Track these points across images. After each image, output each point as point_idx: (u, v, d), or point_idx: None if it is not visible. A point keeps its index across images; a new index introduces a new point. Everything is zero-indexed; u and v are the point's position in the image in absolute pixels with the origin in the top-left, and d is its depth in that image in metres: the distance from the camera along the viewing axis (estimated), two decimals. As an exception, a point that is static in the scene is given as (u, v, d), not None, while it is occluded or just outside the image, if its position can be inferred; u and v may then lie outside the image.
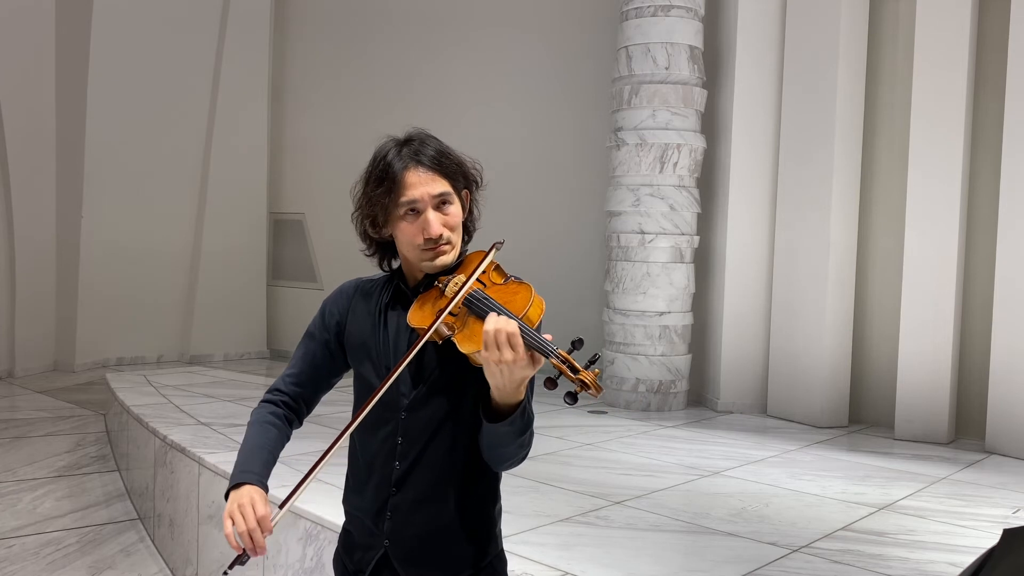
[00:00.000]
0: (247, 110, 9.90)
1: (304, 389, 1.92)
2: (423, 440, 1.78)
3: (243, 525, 1.68)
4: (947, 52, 5.83)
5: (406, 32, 9.20)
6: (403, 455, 1.79)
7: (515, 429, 1.66)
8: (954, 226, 5.81)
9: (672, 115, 6.55)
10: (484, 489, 1.83)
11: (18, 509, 5.01)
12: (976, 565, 1.37)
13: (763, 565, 3.24)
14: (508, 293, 1.73)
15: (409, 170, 1.76)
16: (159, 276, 9.47)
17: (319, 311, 1.96)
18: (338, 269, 9.70)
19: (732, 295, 6.76)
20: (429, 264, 1.79)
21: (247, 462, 1.81)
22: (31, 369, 8.74)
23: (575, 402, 1.54)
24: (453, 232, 1.78)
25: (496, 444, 1.70)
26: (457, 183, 1.80)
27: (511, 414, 1.64)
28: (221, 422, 5.29)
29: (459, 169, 1.81)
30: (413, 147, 1.79)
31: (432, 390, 1.78)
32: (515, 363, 1.56)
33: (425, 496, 1.78)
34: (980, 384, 5.83)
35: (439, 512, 1.78)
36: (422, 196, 1.75)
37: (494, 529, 1.86)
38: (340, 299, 1.94)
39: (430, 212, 1.75)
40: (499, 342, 1.56)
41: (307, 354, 1.93)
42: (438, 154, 1.79)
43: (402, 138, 1.83)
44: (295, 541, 3.57)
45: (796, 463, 5.06)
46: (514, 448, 1.71)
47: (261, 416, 1.89)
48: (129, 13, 8.94)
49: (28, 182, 8.63)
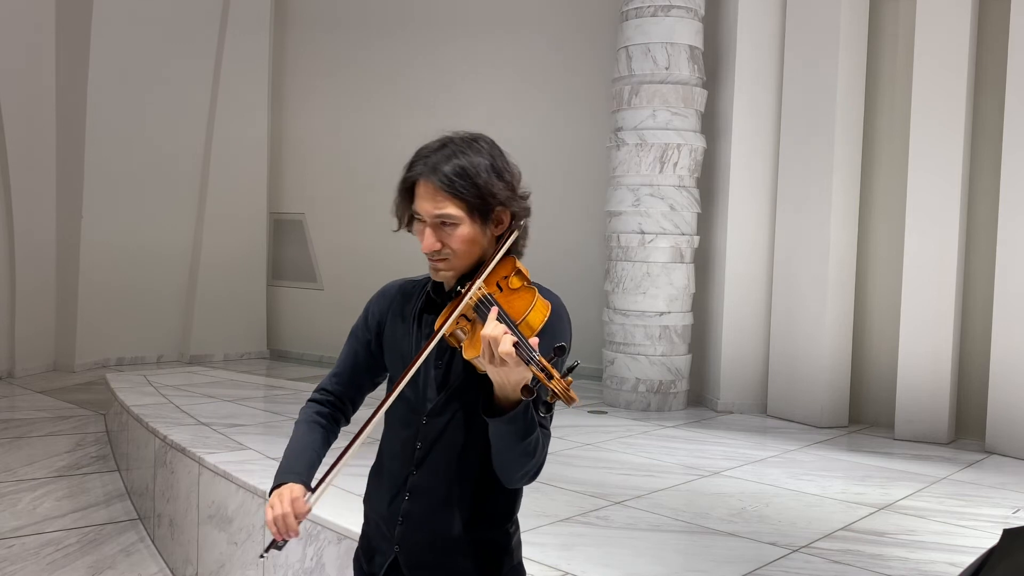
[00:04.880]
0: (247, 110, 9.90)
1: (348, 388, 1.94)
2: (441, 447, 1.77)
3: (277, 509, 1.71)
4: (947, 52, 5.83)
5: (406, 32, 9.20)
6: (420, 460, 1.78)
7: (515, 429, 1.63)
8: (954, 226, 5.81)
9: (672, 115, 6.55)
10: (499, 502, 1.80)
11: (18, 509, 5.01)
12: (976, 565, 1.37)
13: (763, 565, 3.24)
14: (514, 298, 1.72)
15: (421, 181, 1.75)
16: (159, 276, 9.47)
17: (363, 311, 1.96)
18: (338, 269, 9.71)
19: (732, 295, 6.77)
20: (433, 274, 1.80)
21: (292, 463, 1.82)
22: (31, 369, 8.73)
23: (549, 411, 1.56)
24: (454, 252, 1.74)
25: (499, 448, 1.68)
26: (471, 205, 1.73)
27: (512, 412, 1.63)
28: (221, 422, 5.29)
29: (476, 191, 1.73)
30: (439, 157, 1.74)
31: (454, 397, 1.77)
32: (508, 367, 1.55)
33: (438, 504, 1.76)
34: (980, 384, 5.83)
35: (451, 521, 1.76)
36: (423, 211, 1.75)
37: (509, 543, 1.83)
38: (382, 300, 1.94)
39: (428, 228, 1.75)
40: (492, 349, 1.56)
41: (350, 354, 1.94)
42: (455, 173, 1.72)
43: (448, 139, 1.79)
44: (295, 541, 3.57)
45: (796, 463, 5.06)
46: (518, 454, 1.67)
47: (308, 416, 1.91)
48: (129, 13, 8.94)
49: (28, 182, 8.62)
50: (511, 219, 1.80)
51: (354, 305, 8.60)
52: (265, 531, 3.74)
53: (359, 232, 9.39)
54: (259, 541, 3.80)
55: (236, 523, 3.98)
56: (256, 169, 10.05)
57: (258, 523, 3.81)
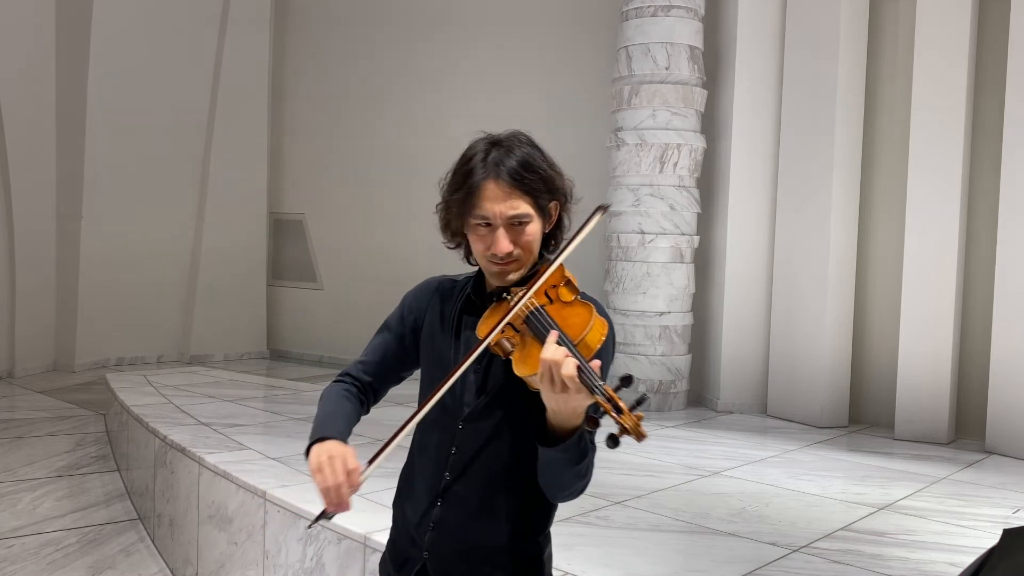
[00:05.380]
0: (247, 110, 9.91)
1: (374, 379, 1.86)
2: (477, 453, 1.71)
3: (331, 479, 1.57)
4: (947, 52, 5.83)
5: (406, 32, 9.20)
6: (454, 466, 1.72)
7: (568, 457, 1.57)
8: (954, 226, 5.81)
9: (672, 115, 6.55)
10: (535, 514, 1.75)
11: (18, 509, 5.01)
12: (976, 565, 1.37)
13: (763, 565, 3.24)
14: (569, 313, 1.63)
15: (487, 183, 1.65)
16: (159, 276, 9.47)
17: (399, 304, 1.89)
18: (338, 269, 9.71)
19: (732, 295, 6.77)
20: (496, 278, 1.72)
21: (328, 421, 1.71)
22: (31, 369, 8.73)
23: (616, 445, 1.44)
24: (525, 251, 1.69)
25: (549, 471, 1.63)
26: (540, 198, 1.68)
27: (566, 439, 1.56)
28: (221, 422, 5.29)
29: (543, 184, 1.69)
30: (498, 154, 1.67)
31: (494, 404, 1.71)
32: (569, 392, 1.48)
33: (471, 512, 1.71)
34: (980, 384, 5.83)
35: (484, 531, 1.71)
36: (495, 214, 1.65)
37: (542, 555, 1.79)
38: (421, 296, 1.86)
39: (500, 230, 1.66)
40: (553, 373, 1.48)
41: (381, 345, 1.87)
42: (522, 166, 1.67)
43: (494, 139, 1.72)
44: (295, 541, 3.57)
45: (796, 463, 5.06)
46: (569, 478, 1.63)
47: (336, 390, 1.82)
48: (129, 13, 8.94)
49: (28, 182, 8.62)
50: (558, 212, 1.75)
51: (354, 305, 8.66)
52: (266, 531, 3.74)
53: (359, 232, 9.40)
54: (259, 541, 3.80)
55: (236, 523, 3.98)
56: (256, 169, 10.06)
57: (258, 523, 3.81)
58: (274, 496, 3.74)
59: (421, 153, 8.68)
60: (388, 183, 9.14)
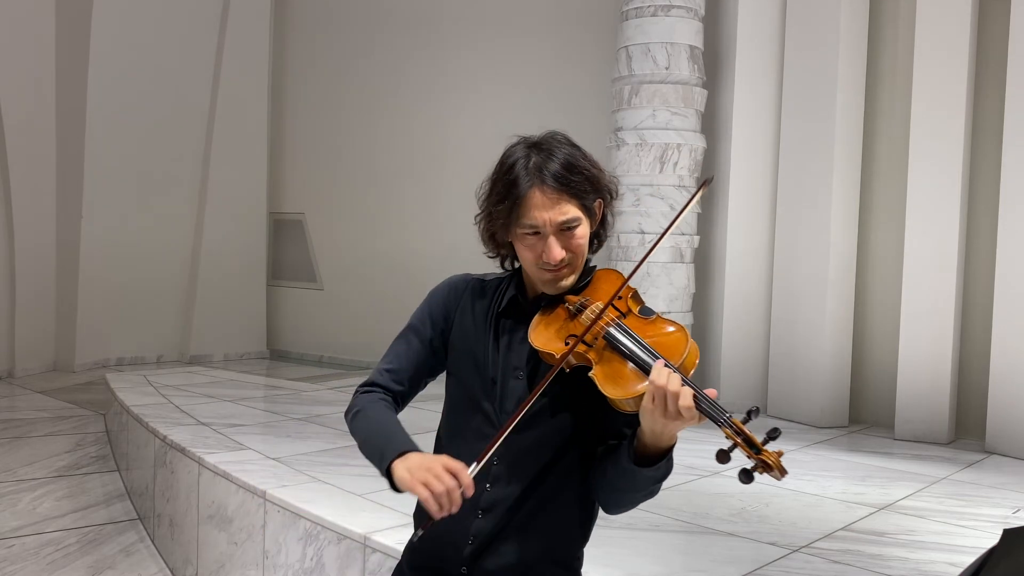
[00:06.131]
0: (247, 110, 9.91)
1: (403, 387, 1.76)
2: (523, 465, 1.63)
3: (439, 486, 1.46)
4: (947, 52, 5.83)
5: (406, 32, 9.20)
6: (497, 477, 1.64)
7: (656, 475, 1.55)
8: (954, 226, 5.81)
9: (672, 115, 6.55)
10: (579, 528, 1.70)
11: (18, 509, 5.01)
12: (976, 565, 1.37)
13: (763, 565, 3.24)
14: (657, 332, 1.59)
15: (533, 191, 1.58)
16: (159, 276, 9.47)
17: (425, 304, 1.79)
18: (338, 269, 9.71)
19: (732, 295, 6.76)
20: (548, 286, 1.65)
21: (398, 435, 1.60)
22: (31, 369, 8.73)
23: (751, 481, 1.40)
24: (576, 255, 1.63)
25: (630, 488, 1.59)
26: (586, 199, 1.63)
27: (659, 459, 1.53)
28: (221, 422, 5.28)
29: (589, 185, 1.64)
30: (539, 159, 1.61)
31: (543, 413, 1.62)
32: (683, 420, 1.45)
33: (515, 526, 1.63)
34: (980, 384, 5.82)
35: (528, 546, 1.63)
36: (545, 222, 1.59)
37: (579, 570, 1.74)
38: (450, 296, 1.77)
39: (551, 238, 1.60)
40: (668, 404, 1.44)
41: (408, 350, 1.76)
42: (566, 168, 1.60)
43: (532, 141, 1.67)
44: (295, 541, 3.57)
45: (796, 463, 5.05)
46: (644, 494, 1.60)
47: (371, 399, 1.71)
48: (129, 13, 8.95)
49: (28, 182, 8.62)
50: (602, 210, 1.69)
51: (354, 305, 8.66)
52: (265, 531, 3.74)
53: (359, 232, 9.40)
54: (259, 541, 3.80)
55: (236, 523, 3.98)
56: (256, 169, 10.06)
57: (257, 523, 3.81)
58: (274, 496, 3.74)
59: (421, 153, 8.69)
60: (388, 183, 9.14)
